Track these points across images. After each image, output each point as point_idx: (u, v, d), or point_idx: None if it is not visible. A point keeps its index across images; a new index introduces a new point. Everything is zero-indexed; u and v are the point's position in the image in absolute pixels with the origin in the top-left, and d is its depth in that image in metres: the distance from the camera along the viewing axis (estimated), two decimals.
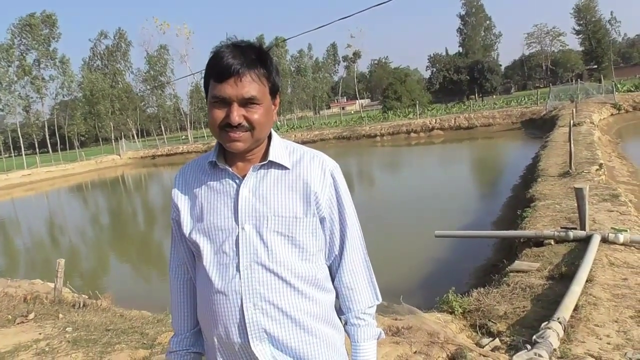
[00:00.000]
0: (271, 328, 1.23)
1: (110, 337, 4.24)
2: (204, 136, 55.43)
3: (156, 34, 67.65)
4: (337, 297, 1.37)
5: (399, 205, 12.47)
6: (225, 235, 1.26)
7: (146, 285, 9.29)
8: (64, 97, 52.94)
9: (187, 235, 1.33)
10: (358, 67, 75.83)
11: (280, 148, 1.31)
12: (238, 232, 1.24)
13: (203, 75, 1.28)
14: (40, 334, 4.55)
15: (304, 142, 33.91)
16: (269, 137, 1.32)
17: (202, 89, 1.35)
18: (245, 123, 1.21)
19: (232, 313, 1.23)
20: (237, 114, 1.20)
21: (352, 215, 1.35)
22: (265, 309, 1.22)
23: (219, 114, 1.22)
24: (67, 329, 4.61)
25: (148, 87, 55.48)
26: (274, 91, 1.27)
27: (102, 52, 54.81)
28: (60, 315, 5.17)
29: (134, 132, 57.16)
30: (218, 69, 1.20)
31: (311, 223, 1.28)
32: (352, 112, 73.08)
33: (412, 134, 31.52)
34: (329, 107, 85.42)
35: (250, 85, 1.20)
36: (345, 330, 1.36)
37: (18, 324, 4.99)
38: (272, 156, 1.28)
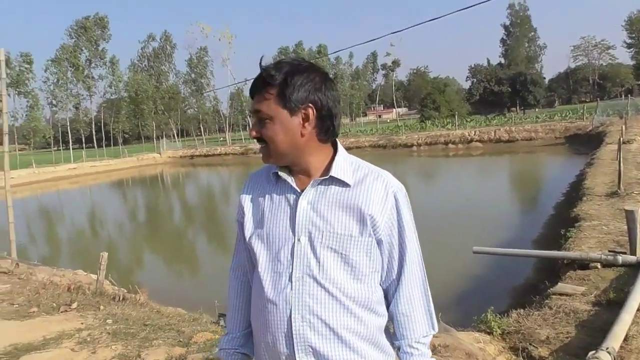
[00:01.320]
0: (317, 343, 1.23)
1: (148, 333, 4.32)
2: (242, 139, 56.18)
3: (200, 37, 69.13)
4: (392, 321, 1.35)
5: (435, 217, 12.27)
6: (281, 244, 1.28)
7: (179, 283, 9.44)
8: (111, 95, 54.99)
9: (249, 241, 1.37)
10: (397, 76, 75.51)
11: (345, 164, 1.31)
12: (294, 243, 1.27)
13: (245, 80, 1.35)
14: (82, 323, 4.69)
15: None
16: (335, 151, 1.33)
17: (244, 93, 1.43)
18: (261, 137, 1.28)
19: (281, 323, 1.25)
20: (253, 129, 1.29)
21: (412, 240, 1.32)
22: (313, 323, 1.23)
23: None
24: (107, 321, 4.73)
25: (191, 89, 56.69)
26: (292, 106, 1.24)
27: (149, 54, 56.38)
28: (101, 307, 5.31)
29: (175, 131, 58.50)
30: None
31: (366, 243, 1.27)
32: (388, 120, 72.70)
33: (450, 145, 31.10)
34: (366, 115, 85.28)
35: (261, 102, 1.26)
36: (399, 357, 1.34)
37: (62, 312, 5.16)
38: (334, 172, 1.28)
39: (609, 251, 5.11)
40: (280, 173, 1.31)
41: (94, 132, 54.13)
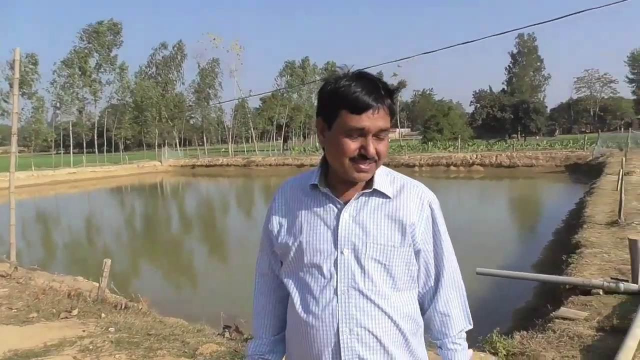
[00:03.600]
0: (365, 355, 1.25)
1: (151, 342, 4.30)
2: (244, 150, 56.33)
3: (209, 47, 69.71)
4: (430, 323, 1.40)
5: None
6: (323, 258, 1.29)
7: (179, 294, 9.40)
8: (117, 101, 55.08)
9: (281, 252, 1.38)
10: (402, 96, 75.93)
11: (384, 176, 1.35)
12: (337, 256, 1.28)
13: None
14: (83, 331, 4.66)
15: None
16: None
17: (248, 105, 1.37)
18: (375, 155, 1.25)
19: (327, 337, 1.26)
20: (373, 146, 1.23)
21: (448, 245, 1.39)
22: (361, 335, 1.25)
23: (353, 145, 1.24)
24: (109, 329, 4.70)
25: (198, 99, 56.87)
26: (392, 123, 1.32)
27: (158, 61, 56.70)
28: (103, 315, 5.28)
29: (177, 140, 58.61)
30: (357, 101, 1.22)
31: (407, 253, 1.31)
32: (390, 140, 72.86)
33: (452, 167, 31.20)
34: None
35: (385, 117, 1.25)
36: (441, 354, 1.39)
37: (62, 318, 5.12)
38: (377, 185, 1.31)
39: (611, 278, 5.16)
40: (321, 186, 1.33)
41: (95, 137, 54.16)
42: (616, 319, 4.07)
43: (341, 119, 1.24)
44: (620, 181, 9.67)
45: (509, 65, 75.67)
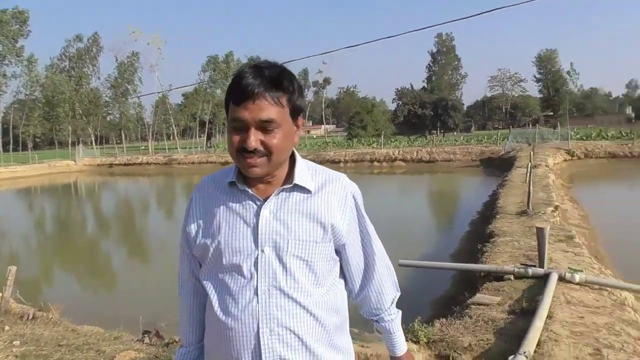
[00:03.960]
0: (287, 355, 1.22)
1: (63, 354, 4.01)
2: (165, 148, 54.49)
3: (128, 41, 66.49)
4: (365, 302, 1.45)
5: None
6: (243, 257, 1.24)
7: (95, 299, 8.90)
8: (25, 96, 51.18)
9: (199, 254, 1.32)
10: (327, 93, 76.82)
11: (304, 170, 1.31)
12: (257, 255, 1.23)
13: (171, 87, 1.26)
14: None
15: None
16: (293, 158, 1.32)
17: (169, 100, 1.33)
18: (261, 148, 1.19)
19: (246, 339, 1.22)
20: (254, 139, 1.18)
21: (373, 232, 1.41)
22: (282, 335, 1.22)
23: (236, 137, 1.20)
24: (14, 342, 4.32)
25: (115, 94, 54.16)
26: (295, 113, 1.25)
27: (71, 54, 53.33)
28: (7, 327, 4.84)
29: (93, 138, 55.63)
30: (236, 91, 1.18)
31: (328, 248, 1.30)
32: (315, 136, 73.61)
33: (375, 163, 31.97)
34: None
35: (269, 108, 1.17)
36: (380, 327, 1.49)
37: None
38: (298, 179, 1.28)
39: (521, 264, 5.48)
40: (239, 183, 1.28)
41: (0, 135, 50.18)
42: (525, 302, 4.32)
43: (230, 111, 1.21)
44: (529, 174, 10.32)
45: (429, 64, 78.85)
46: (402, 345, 1.50)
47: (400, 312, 1.50)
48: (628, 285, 4.87)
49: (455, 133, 62.10)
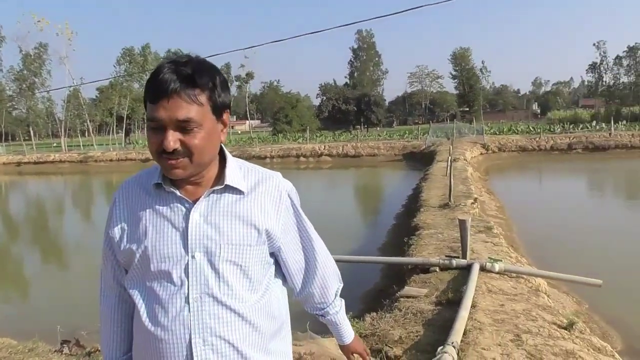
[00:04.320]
0: None
1: None
2: (80, 145, 51.48)
3: (33, 31, 61.94)
4: (310, 298, 1.43)
5: None
6: (172, 264, 1.17)
7: (4, 309, 8.27)
8: None
9: (124, 260, 1.23)
10: (250, 88, 75.95)
11: (235, 170, 1.25)
12: (187, 261, 1.16)
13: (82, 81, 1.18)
14: None
15: None
16: (223, 157, 1.26)
17: (82, 94, 1.24)
18: (181, 148, 1.11)
19: (178, 350, 1.15)
20: (172, 139, 1.10)
21: (311, 229, 1.39)
22: (216, 345, 1.16)
23: (155, 138, 1.12)
24: None
25: (20, 88, 50.32)
26: (218, 110, 1.17)
27: None
28: None
29: None
30: (151, 88, 1.11)
31: (263, 252, 1.26)
32: (239, 132, 72.75)
33: (302, 158, 32.10)
34: None
35: (186, 107, 1.10)
36: (326, 321, 1.49)
37: None
38: (229, 180, 1.21)
39: (446, 256, 5.71)
40: (165, 184, 1.20)
41: None
42: (450, 292, 4.51)
43: (147, 109, 1.14)
44: (449, 168, 10.80)
45: (351, 60, 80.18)
46: (349, 333, 1.53)
47: (343, 300, 1.50)
48: (541, 272, 5.24)
49: (378, 128, 63.64)
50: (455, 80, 76.13)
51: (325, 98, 74.93)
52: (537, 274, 5.24)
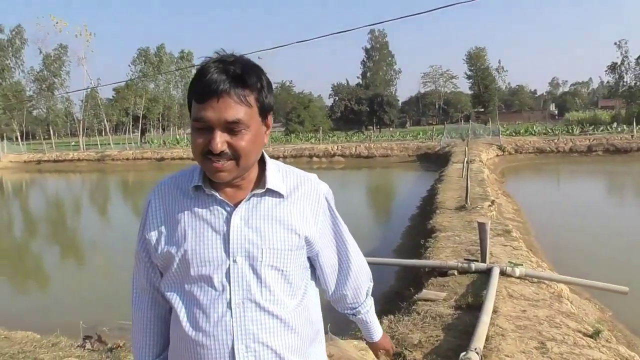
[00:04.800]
0: None
1: None
2: (97, 144, 52.04)
3: (52, 32, 62.50)
4: (343, 299, 1.44)
5: None
6: (213, 268, 1.15)
7: (26, 304, 8.37)
8: None
9: (162, 263, 1.21)
10: None
11: (275, 172, 1.23)
12: (229, 265, 1.15)
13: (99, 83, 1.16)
14: None
15: None
16: (262, 160, 1.24)
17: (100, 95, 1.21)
18: (228, 151, 1.09)
19: (220, 355, 1.14)
20: (220, 141, 1.08)
21: (346, 231, 1.38)
22: (258, 352, 1.15)
23: (200, 139, 1.10)
24: None
25: (40, 88, 50.97)
26: (264, 111, 1.16)
27: None
28: None
29: (18, 133, 52.27)
30: (199, 88, 1.09)
31: (302, 256, 1.25)
32: None
33: (314, 159, 32.12)
34: None
35: (235, 107, 1.08)
36: (357, 319, 1.51)
37: None
38: (270, 184, 1.20)
39: (464, 259, 5.64)
40: (205, 187, 1.18)
41: None
42: (470, 296, 4.45)
43: (192, 109, 1.12)
44: (466, 170, 10.71)
45: (363, 60, 79.97)
46: (379, 330, 1.57)
47: (372, 299, 1.52)
48: (564, 277, 5.15)
49: (391, 129, 63.43)
50: (470, 80, 75.50)
51: (337, 98, 74.88)
52: (560, 280, 5.15)
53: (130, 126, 62.09)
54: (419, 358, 3.44)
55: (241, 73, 1.09)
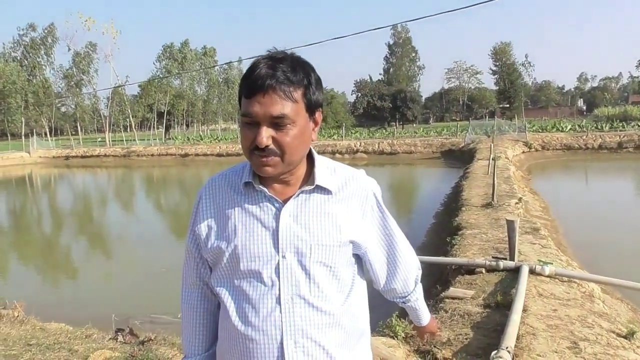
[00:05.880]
0: None
1: (33, 354, 3.86)
2: (123, 140, 52.94)
3: (80, 30, 63.59)
4: (393, 291, 1.45)
5: None
6: (262, 263, 1.17)
7: (58, 297, 8.60)
8: None
9: (212, 258, 1.24)
10: None
11: (324, 169, 1.25)
12: (278, 261, 1.16)
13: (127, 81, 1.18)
14: None
15: (229, 156, 33.42)
16: (311, 157, 1.25)
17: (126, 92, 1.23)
18: (273, 146, 1.12)
19: (269, 351, 1.16)
20: (265, 136, 1.10)
21: (395, 226, 1.39)
22: (307, 347, 1.16)
23: (248, 134, 1.13)
24: None
25: (69, 85, 52.03)
26: (312, 108, 1.17)
27: (25, 43, 50.84)
28: None
29: (47, 129, 53.49)
30: (247, 83, 1.11)
31: (348, 252, 1.25)
32: None
33: (338, 155, 32.00)
34: None
35: (281, 102, 1.10)
36: (407, 307, 1.54)
37: None
38: (320, 180, 1.21)
39: (492, 257, 5.59)
40: (255, 183, 1.20)
41: None
42: (499, 295, 4.42)
43: (242, 104, 1.15)
44: (493, 167, 10.57)
45: (386, 56, 79.46)
46: (427, 315, 1.60)
47: (421, 285, 1.53)
48: (596, 277, 5.05)
49: (414, 125, 62.98)
50: (495, 75, 74.39)
51: (360, 95, 74.60)
52: (591, 279, 5.06)
53: (155, 122, 62.95)
54: (448, 356, 3.43)
55: (288, 69, 1.12)
